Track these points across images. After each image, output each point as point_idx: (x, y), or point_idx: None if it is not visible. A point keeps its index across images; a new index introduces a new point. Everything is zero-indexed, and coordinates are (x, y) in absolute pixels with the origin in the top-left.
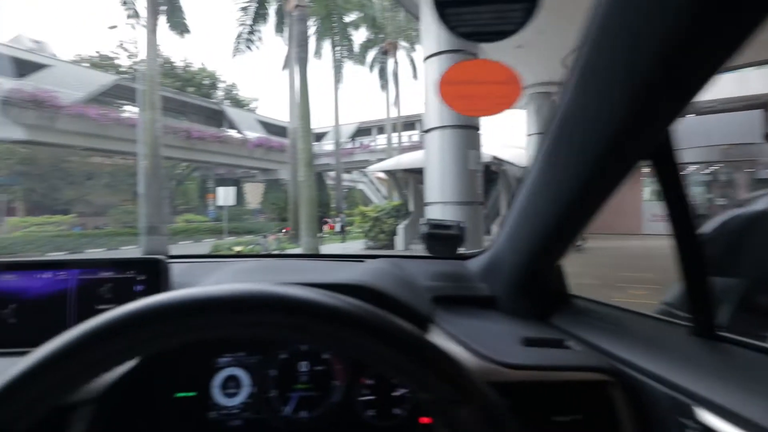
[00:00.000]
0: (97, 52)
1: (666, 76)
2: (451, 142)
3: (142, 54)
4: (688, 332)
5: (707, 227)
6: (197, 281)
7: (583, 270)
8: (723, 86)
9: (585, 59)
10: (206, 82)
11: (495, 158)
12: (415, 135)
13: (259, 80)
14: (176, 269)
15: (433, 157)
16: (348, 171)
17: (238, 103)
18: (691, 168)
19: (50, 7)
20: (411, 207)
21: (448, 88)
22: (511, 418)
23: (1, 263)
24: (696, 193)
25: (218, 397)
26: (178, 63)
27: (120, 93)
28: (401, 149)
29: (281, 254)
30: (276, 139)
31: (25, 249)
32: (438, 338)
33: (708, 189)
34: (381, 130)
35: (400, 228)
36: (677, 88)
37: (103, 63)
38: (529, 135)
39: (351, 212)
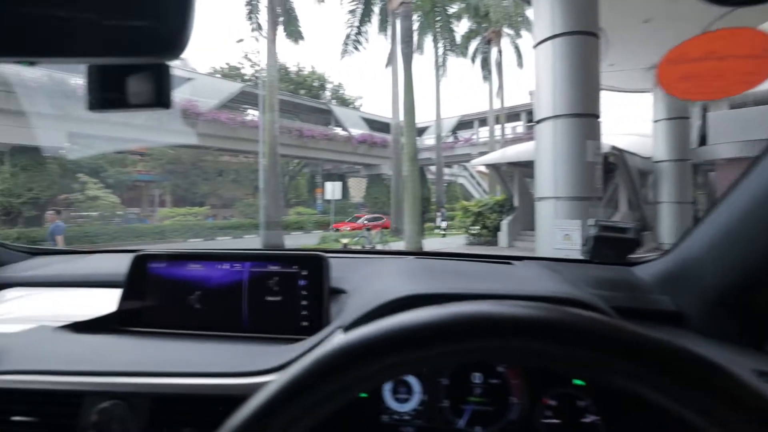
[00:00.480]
0: (227, 63)
1: None
2: (566, 132)
3: (263, 63)
4: None
5: None
6: (350, 277)
7: None
8: None
9: None
10: (316, 84)
11: (614, 148)
12: (519, 126)
13: (363, 79)
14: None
15: (545, 149)
16: (449, 165)
17: (344, 102)
18: None
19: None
20: (516, 202)
21: (671, 69)
22: None
23: (187, 254)
24: None
25: (390, 401)
26: (292, 68)
27: (244, 99)
28: (504, 142)
29: (421, 252)
30: (379, 135)
31: (173, 235)
32: None
33: None
34: (483, 122)
35: (504, 223)
36: None
37: (231, 73)
38: (657, 121)
39: (452, 207)
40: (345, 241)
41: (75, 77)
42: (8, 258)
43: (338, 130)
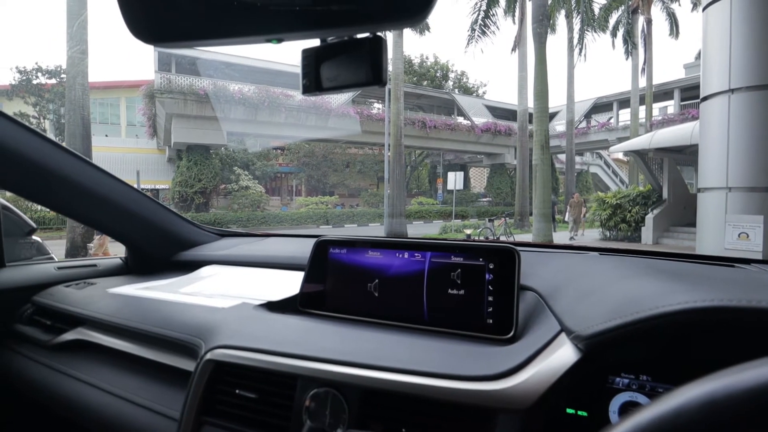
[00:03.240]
0: None
1: None
2: (744, 108)
3: (389, 56)
4: None
5: None
6: (536, 273)
7: None
8: None
9: None
10: (438, 74)
11: None
12: (670, 106)
13: (487, 66)
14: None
15: (715, 130)
16: (580, 153)
17: (467, 91)
18: None
19: None
20: (665, 194)
21: None
22: None
23: (367, 241)
24: None
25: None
26: (416, 60)
27: (371, 92)
28: (650, 125)
29: (600, 248)
30: (503, 123)
31: (307, 222)
32: None
33: None
34: (624, 104)
35: (650, 218)
36: None
37: None
38: None
39: (585, 198)
40: (468, 231)
41: (233, 84)
42: (204, 238)
43: (461, 120)
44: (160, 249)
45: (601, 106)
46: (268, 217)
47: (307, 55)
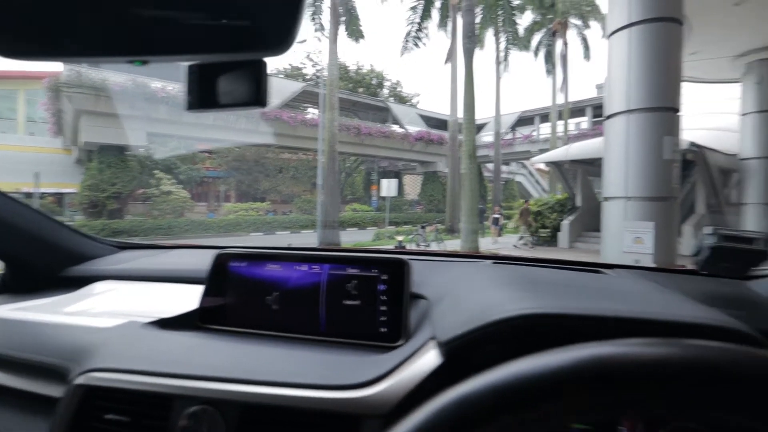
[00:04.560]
0: (290, 64)
1: None
2: (640, 127)
3: (324, 62)
4: None
5: None
6: (429, 282)
7: None
8: None
9: None
10: (374, 81)
11: (693, 144)
12: (584, 122)
13: (421, 76)
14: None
15: (616, 146)
16: (506, 162)
17: (402, 99)
18: None
19: None
20: (578, 201)
21: None
22: None
23: (266, 254)
24: None
25: None
26: (351, 66)
27: (306, 98)
28: (567, 138)
29: (498, 256)
30: (436, 132)
31: (236, 229)
32: None
33: None
34: (545, 118)
35: (565, 224)
36: None
37: (293, 73)
38: (745, 114)
39: (509, 205)
40: (400, 238)
41: (155, 81)
42: (99, 251)
43: (395, 128)
44: (45, 264)
45: (525, 119)
46: (193, 225)
47: (192, 71)
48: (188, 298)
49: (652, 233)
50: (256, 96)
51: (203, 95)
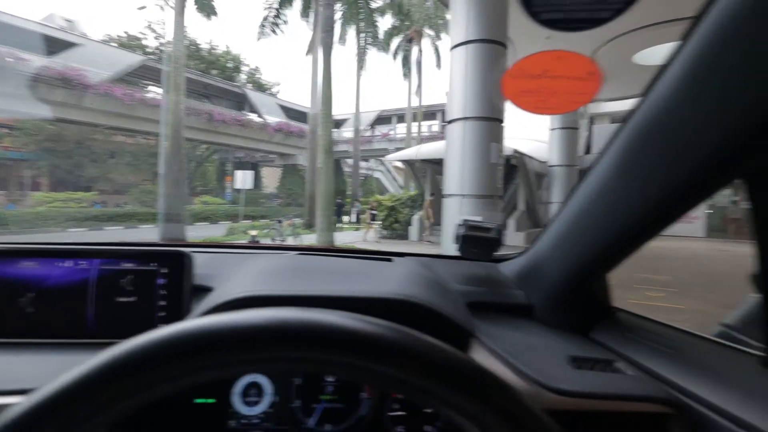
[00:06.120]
0: (126, 32)
1: None
2: (473, 133)
3: (169, 35)
4: (759, 362)
5: None
6: (219, 275)
7: None
8: None
9: (696, 51)
10: (230, 65)
11: (516, 152)
12: (435, 125)
13: (282, 65)
14: (197, 260)
15: (454, 149)
16: (365, 159)
17: (261, 87)
18: None
19: None
20: (428, 198)
21: (514, 83)
22: None
23: (20, 250)
24: None
25: (238, 405)
26: (204, 45)
27: (146, 73)
28: (421, 139)
29: (305, 247)
30: (296, 124)
31: (47, 224)
32: (480, 355)
33: None
34: (401, 119)
35: (415, 218)
36: None
37: (130, 43)
38: (553, 129)
39: (366, 200)
40: (254, 233)
41: None
42: None
43: (253, 117)
44: None
45: (384, 118)
46: None
47: None
48: None
49: None
50: None
51: None
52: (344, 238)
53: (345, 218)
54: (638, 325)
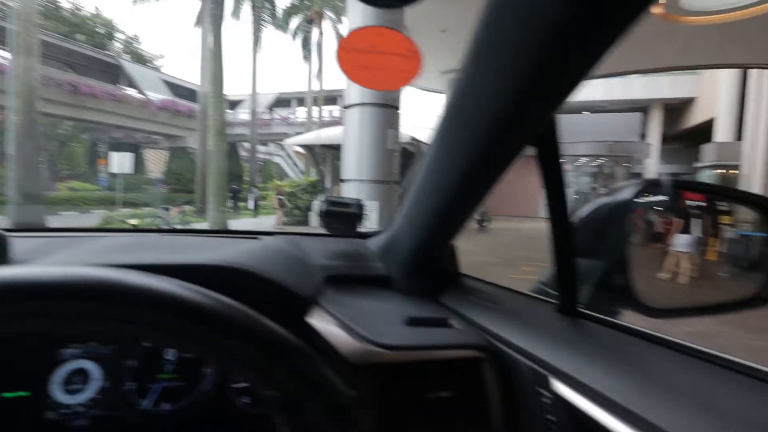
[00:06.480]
0: None
1: (546, 71)
2: (370, 119)
3: None
4: (554, 309)
5: (579, 213)
6: (41, 259)
7: (484, 248)
8: (612, 89)
9: (479, 44)
10: (100, 30)
11: (413, 139)
12: (336, 110)
13: (168, 36)
14: (23, 245)
15: (352, 134)
16: (264, 143)
17: (141, 59)
18: (582, 160)
19: None
20: (328, 183)
21: (347, 55)
22: (364, 412)
23: None
24: (584, 182)
25: (58, 394)
26: (65, 4)
27: None
28: (321, 124)
29: (170, 229)
30: (184, 103)
31: None
32: (318, 320)
33: (594, 179)
34: (301, 102)
35: (315, 204)
36: (556, 82)
37: None
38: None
39: (265, 186)
40: (134, 221)
41: None
42: None
43: (132, 92)
44: None
45: (283, 101)
46: None
47: None
48: None
49: (376, 211)
50: None
51: None
52: (240, 226)
53: (242, 205)
54: (477, 288)
